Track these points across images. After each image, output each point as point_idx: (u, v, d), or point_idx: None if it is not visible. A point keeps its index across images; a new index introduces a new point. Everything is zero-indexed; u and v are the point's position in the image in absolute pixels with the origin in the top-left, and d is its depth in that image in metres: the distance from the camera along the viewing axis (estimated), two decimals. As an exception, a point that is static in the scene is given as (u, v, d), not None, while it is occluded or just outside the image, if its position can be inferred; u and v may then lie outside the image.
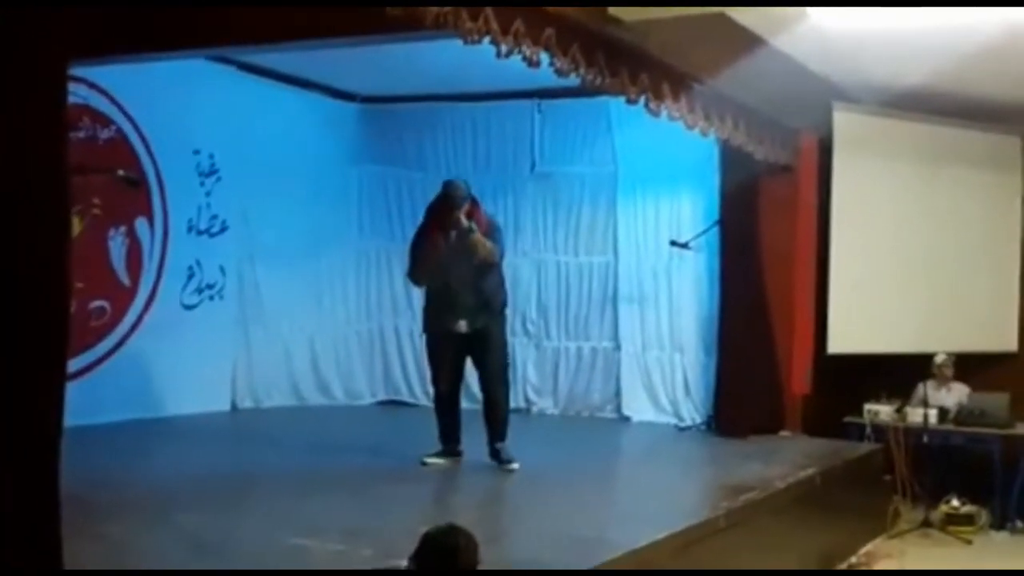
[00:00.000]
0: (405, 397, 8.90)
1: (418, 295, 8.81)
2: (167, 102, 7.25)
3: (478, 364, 6.03)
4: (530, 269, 8.61)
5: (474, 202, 5.97)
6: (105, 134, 7.01)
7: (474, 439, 5.98)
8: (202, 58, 6.83)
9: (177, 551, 4.09)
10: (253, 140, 7.85)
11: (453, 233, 5.83)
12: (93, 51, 4.35)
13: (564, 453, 6.80)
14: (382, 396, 8.96)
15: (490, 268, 5.94)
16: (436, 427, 6.06)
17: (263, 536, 4.32)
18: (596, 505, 5.40)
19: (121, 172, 6.61)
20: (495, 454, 5.91)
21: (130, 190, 6.97)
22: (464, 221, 5.81)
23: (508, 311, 6.31)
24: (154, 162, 7.37)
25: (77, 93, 6.51)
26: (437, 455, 5.99)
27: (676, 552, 4.52)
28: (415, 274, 6.05)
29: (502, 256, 6.07)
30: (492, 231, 5.99)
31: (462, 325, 5.85)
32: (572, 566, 3.90)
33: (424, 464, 5.91)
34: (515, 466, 5.85)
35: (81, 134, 6.72)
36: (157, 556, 4.05)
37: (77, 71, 5.92)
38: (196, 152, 7.67)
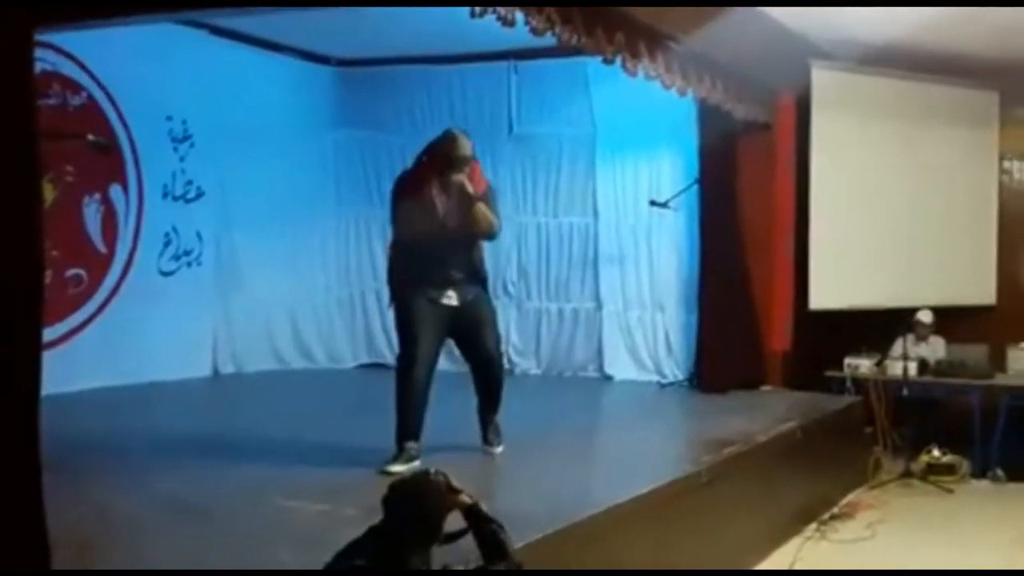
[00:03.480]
0: (387, 360, 8.90)
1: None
2: (138, 68, 7.17)
3: (472, 342, 5.22)
4: (510, 231, 8.51)
5: (475, 160, 5.20)
6: (76, 101, 6.93)
7: (462, 399, 5.67)
8: (173, 22, 6.73)
9: (161, 514, 4.10)
10: (227, 105, 7.78)
11: (449, 196, 5.04)
12: (58, 16, 4.28)
13: (547, 412, 6.82)
14: (364, 360, 8.98)
15: (479, 238, 5.21)
16: (396, 421, 4.96)
17: (248, 498, 4.33)
18: (579, 462, 5.45)
19: (91, 137, 6.54)
20: (486, 428, 5.31)
21: (103, 156, 6.91)
22: (468, 186, 5.02)
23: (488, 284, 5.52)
24: (126, 128, 7.30)
25: (47, 60, 6.44)
26: (397, 460, 4.84)
27: (659, 506, 4.56)
28: (404, 231, 5.09)
29: (499, 229, 5.27)
30: (490, 197, 5.18)
31: (452, 297, 5.05)
32: (556, 522, 3.93)
33: (385, 473, 4.60)
34: (500, 449, 5.29)
35: (51, 101, 6.65)
36: (141, 519, 4.05)
37: (46, 37, 5.85)
38: (169, 118, 7.59)
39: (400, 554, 2.79)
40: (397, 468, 4.64)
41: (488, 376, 5.30)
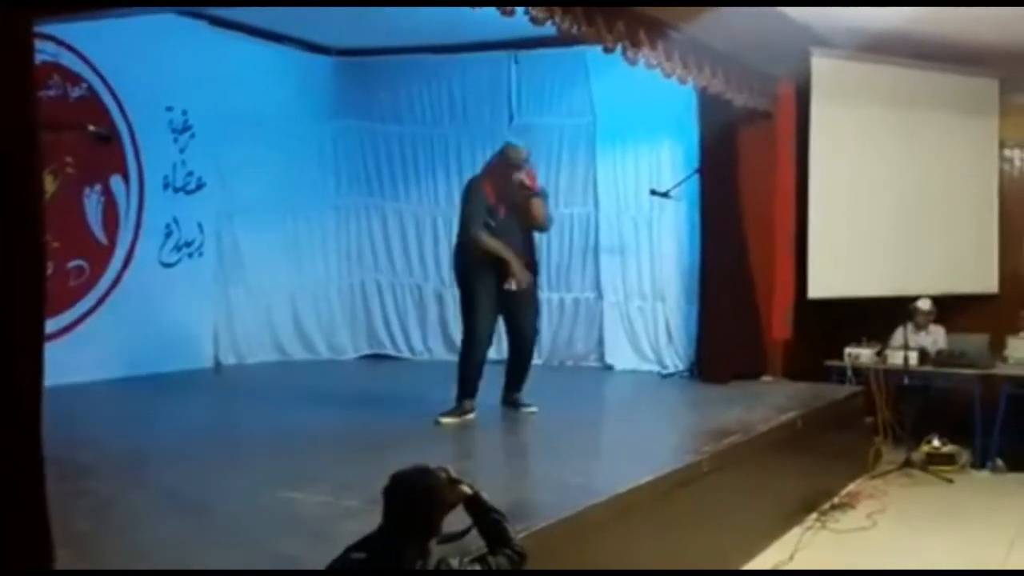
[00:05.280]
0: (388, 351, 8.93)
1: (399, 250, 8.91)
2: (138, 59, 7.16)
3: (516, 320, 6.11)
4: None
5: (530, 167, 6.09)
6: (76, 92, 6.93)
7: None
8: (172, 13, 6.73)
9: (162, 507, 4.11)
10: (227, 96, 7.77)
11: (509, 192, 5.91)
12: (58, 7, 4.27)
13: (549, 402, 6.80)
14: (365, 350, 8.98)
15: (533, 230, 6.14)
16: (457, 382, 5.92)
17: (249, 490, 4.33)
18: (580, 452, 5.44)
19: (91, 127, 6.54)
20: (514, 402, 6.17)
21: (103, 148, 6.91)
22: (527, 182, 5.93)
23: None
24: (127, 119, 7.29)
25: (47, 51, 6.42)
26: (451, 414, 5.83)
27: (659, 496, 4.57)
28: (476, 236, 5.86)
29: (551, 223, 6.34)
30: (544, 197, 6.14)
31: (512, 284, 5.90)
32: (557, 511, 3.94)
33: (437, 424, 5.73)
34: (534, 409, 6.13)
35: (52, 92, 6.65)
36: (142, 512, 4.07)
37: (46, 29, 5.83)
38: (169, 109, 7.59)
39: (397, 548, 2.79)
40: (448, 420, 5.74)
41: (520, 352, 6.18)
